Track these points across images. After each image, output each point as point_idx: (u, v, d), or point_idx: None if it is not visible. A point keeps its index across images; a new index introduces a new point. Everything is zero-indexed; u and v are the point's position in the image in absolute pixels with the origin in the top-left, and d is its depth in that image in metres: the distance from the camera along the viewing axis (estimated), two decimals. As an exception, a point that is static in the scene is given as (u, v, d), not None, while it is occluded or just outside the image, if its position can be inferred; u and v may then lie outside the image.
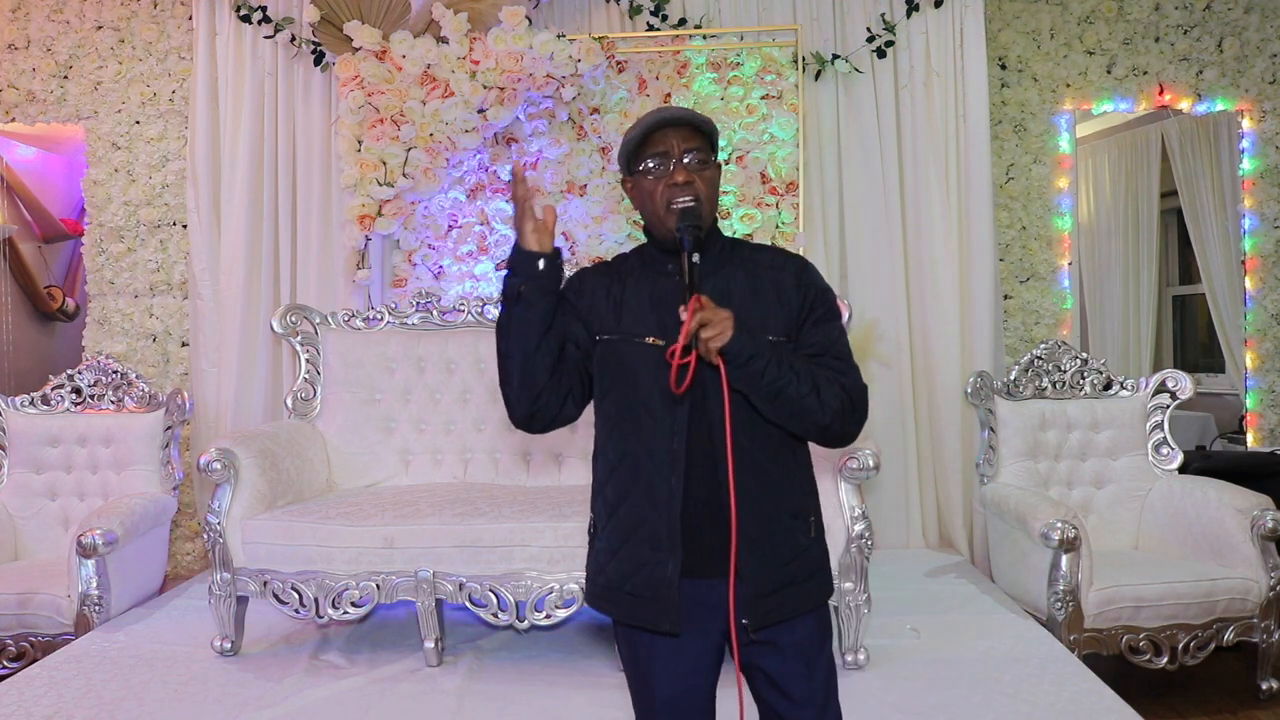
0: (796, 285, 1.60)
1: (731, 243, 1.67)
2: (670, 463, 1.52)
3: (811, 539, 1.61)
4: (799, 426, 1.53)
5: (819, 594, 1.62)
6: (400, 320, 3.70)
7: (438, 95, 3.89)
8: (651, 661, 1.59)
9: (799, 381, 1.48)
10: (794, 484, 1.60)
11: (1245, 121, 4.40)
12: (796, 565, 1.57)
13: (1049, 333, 4.27)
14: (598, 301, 1.62)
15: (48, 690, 2.67)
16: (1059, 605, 2.91)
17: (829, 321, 1.60)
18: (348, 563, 2.85)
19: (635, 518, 1.55)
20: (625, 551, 1.57)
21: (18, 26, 4.36)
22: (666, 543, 1.52)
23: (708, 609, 1.54)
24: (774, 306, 1.57)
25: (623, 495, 1.57)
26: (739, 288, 1.58)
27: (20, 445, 3.69)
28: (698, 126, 1.57)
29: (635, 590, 1.55)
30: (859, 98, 4.12)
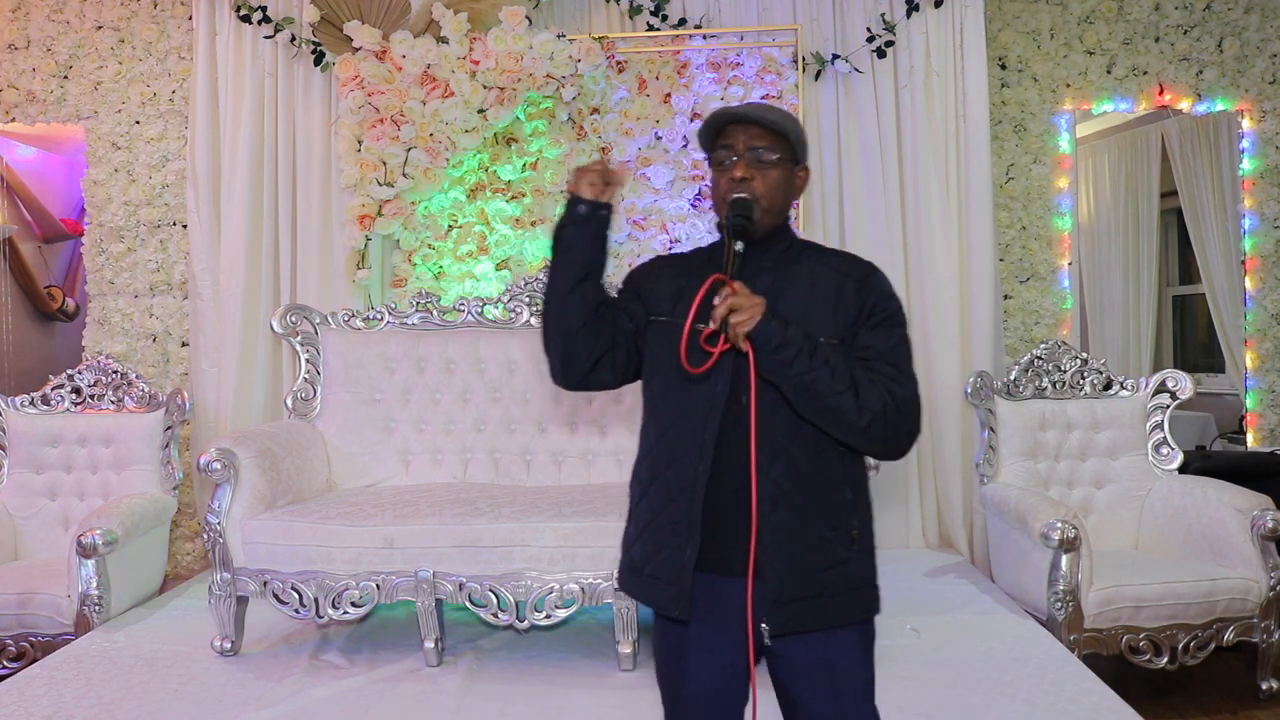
0: (857, 290, 1.56)
1: (803, 244, 1.67)
2: (699, 449, 1.52)
3: (852, 553, 1.55)
4: (835, 428, 1.49)
5: (853, 612, 1.56)
6: (400, 320, 3.70)
7: (438, 95, 3.89)
8: (683, 658, 1.59)
9: (833, 378, 1.45)
10: (836, 491, 1.54)
11: (1245, 121, 4.40)
12: (830, 576, 1.52)
13: (1049, 333, 4.27)
14: (661, 285, 1.64)
15: (48, 690, 2.66)
16: (1059, 605, 2.91)
17: (886, 327, 1.56)
18: (348, 563, 2.85)
19: (662, 500, 1.56)
20: (649, 533, 1.58)
21: (18, 26, 4.36)
22: (686, 528, 1.52)
23: (737, 609, 1.51)
24: (828, 308, 1.55)
25: (654, 476, 1.58)
26: (797, 287, 1.57)
27: (20, 445, 3.69)
28: (766, 125, 1.57)
29: (654, 572, 1.56)
30: (859, 98, 4.12)
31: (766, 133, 1.57)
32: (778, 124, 1.57)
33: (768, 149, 1.57)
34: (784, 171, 1.59)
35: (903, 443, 1.53)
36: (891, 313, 1.57)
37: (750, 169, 1.57)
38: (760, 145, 1.57)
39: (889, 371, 1.52)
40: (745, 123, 1.58)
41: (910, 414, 1.52)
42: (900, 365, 1.54)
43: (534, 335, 3.63)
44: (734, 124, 1.59)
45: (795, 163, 1.62)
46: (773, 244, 1.61)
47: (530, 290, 3.72)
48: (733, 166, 1.57)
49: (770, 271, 1.58)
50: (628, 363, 1.66)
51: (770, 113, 1.58)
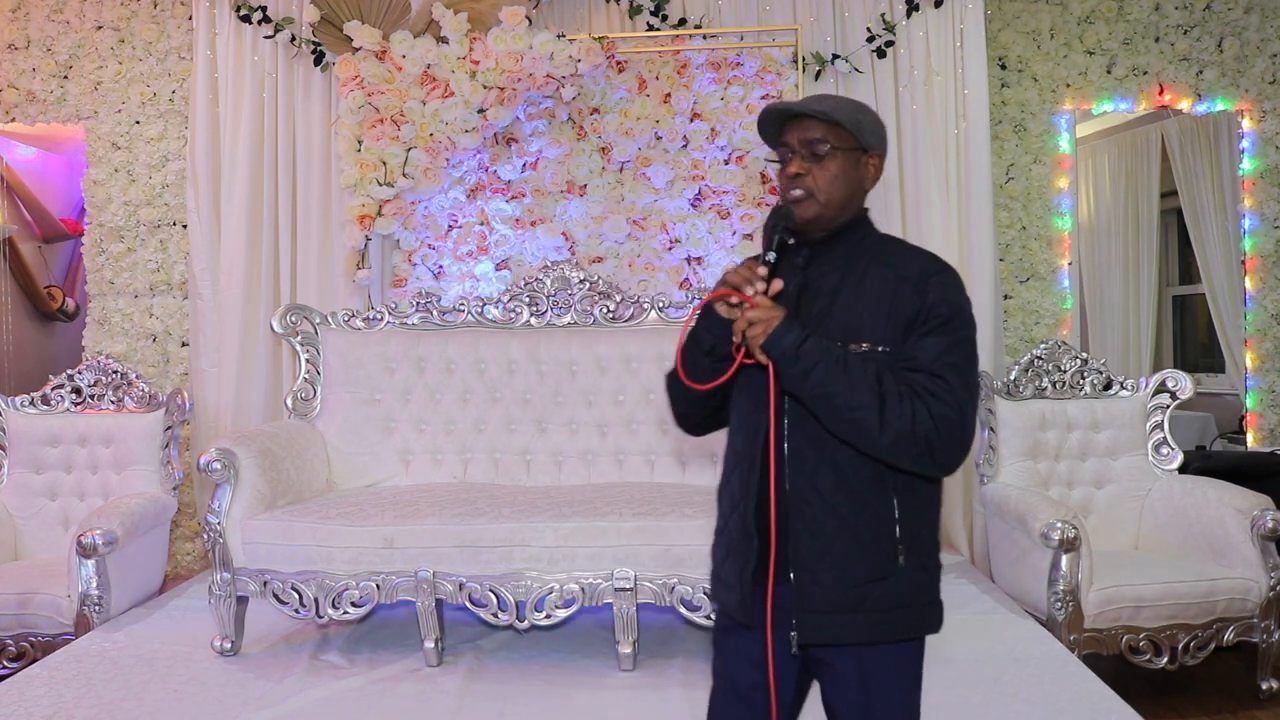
0: (914, 294, 1.46)
1: (878, 240, 1.58)
2: (751, 460, 1.52)
3: (900, 567, 1.48)
4: (857, 442, 1.43)
5: (893, 629, 1.49)
6: (400, 320, 3.70)
7: (438, 95, 3.89)
8: (725, 644, 1.62)
9: (851, 392, 1.39)
10: (883, 498, 1.47)
11: (1245, 121, 4.40)
12: (871, 589, 1.47)
13: (1049, 333, 4.27)
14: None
15: (48, 690, 2.66)
16: (1059, 605, 2.91)
17: (937, 334, 1.44)
18: (348, 563, 2.85)
19: (728, 509, 1.59)
20: (721, 540, 1.61)
21: (18, 26, 4.36)
22: (743, 537, 1.52)
23: (779, 611, 1.50)
24: (877, 312, 1.47)
25: (724, 486, 1.61)
26: (846, 287, 1.51)
27: (20, 445, 3.69)
28: (817, 116, 1.51)
29: (725, 578, 1.58)
30: (859, 98, 4.07)
31: (820, 124, 1.51)
32: (830, 113, 1.50)
33: (822, 140, 1.51)
34: (844, 162, 1.52)
35: (944, 461, 1.43)
36: (947, 318, 1.45)
37: (806, 163, 1.52)
38: (814, 137, 1.51)
39: (931, 385, 1.42)
40: (798, 117, 1.53)
41: (949, 432, 1.41)
42: (947, 378, 1.42)
43: (534, 335, 3.63)
44: (790, 120, 1.54)
45: (863, 150, 1.54)
46: (844, 238, 1.55)
47: (530, 290, 3.72)
48: (789, 164, 1.54)
49: (836, 270, 1.53)
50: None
51: (822, 103, 1.52)
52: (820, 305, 1.51)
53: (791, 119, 1.54)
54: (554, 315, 3.69)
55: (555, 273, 3.72)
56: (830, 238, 1.55)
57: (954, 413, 1.41)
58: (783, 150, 1.55)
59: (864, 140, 1.53)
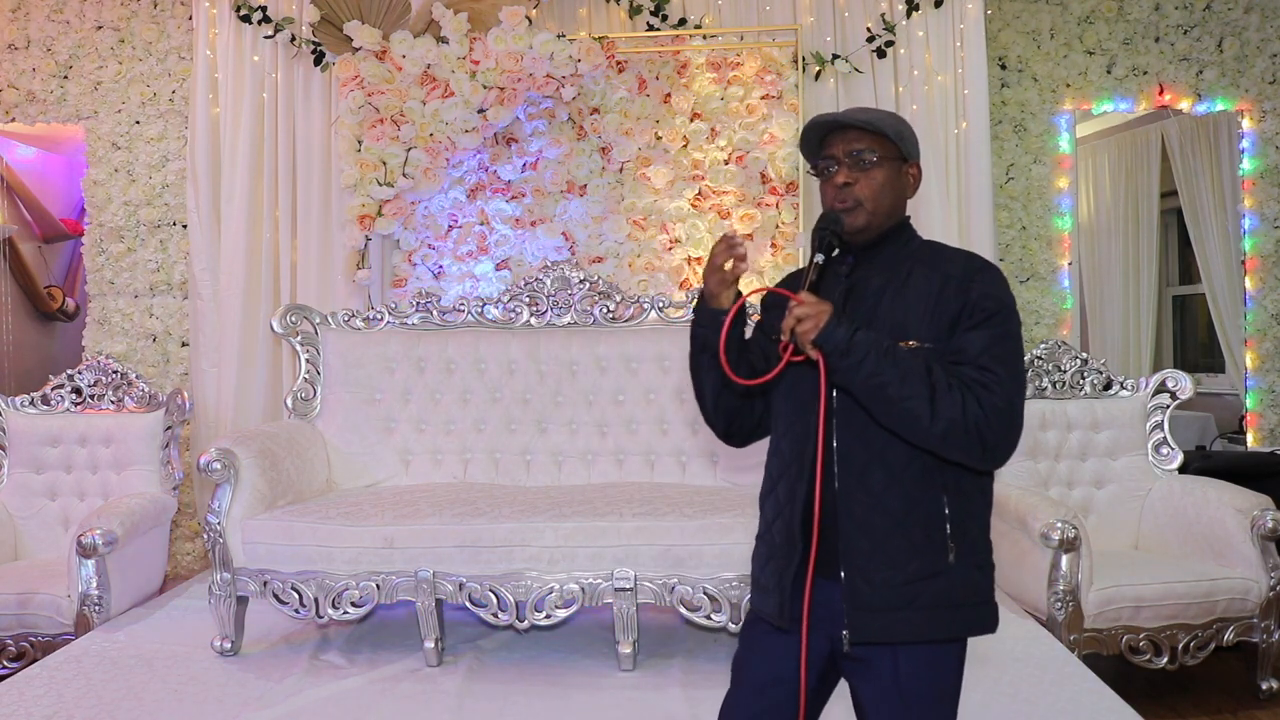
0: (959, 291, 1.49)
1: (921, 245, 1.61)
2: (800, 463, 1.53)
3: (951, 564, 1.47)
4: (909, 434, 1.44)
5: (945, 627, 1.48)
6: (400, 320, 3.70)
7: (438, 95, 3.89)
8: (753, 647, 1.62)
9: (903, 382, 1.40)
10: (933, 495, 1.48)
11: (1245, 121, 4.40)
12: (921, 586, 1.46)
13: (1049, 333, 4.27)
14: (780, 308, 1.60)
15: (48, 690, 2.66)
16: (1059, 605, 2.91)
17: (985, 328, 1.47)
18: (348, 563, 2.85)
19: (772, 513, 1.59)
20: (762, 544, 1.62)
21: (18, 26, 4.36)
22: (787, 540, 1.53)
23: (826, 612, 1.50)
24: (922, 309, 1.49)
25: (769, 491, 1.62)
26: (892, 287, 1.53)
27: (20, 445, 3.69)
28: (862, 127, 1.56)
29: (764, 583, 1.59)
30: (859, 98, 4.12)
31: (865, 134, 1.56)
32: (875, 124, 1.55)
33: (868, 150, 1.55)
34: (889, 171, 1.57)
35: (996, 452, 1.45)
36: (991, 313, 1.48)
37: (853, 173, 1.55)
38: (860, 147, 1.55)
39: (980, 377, 1.43)
40: (843, 128, 1.57)
41: (999, 422, 1.43)
42: (994, 370, 1.44)
43: (534, 335, 3.63)
44: (833, 132, 1.59)
45: (903, 160, 1.59)
46: (887, 245, 1.59)
47: (530, 290, 3.72)
48: (836, 174, 1.57)
49: (879, 275, 1.57)
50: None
51: (865, 114, 1.57)
52: (866, 306, 1.53)
53: (836, 130, 1.58)
54: (554, 315, 3.69)
55: (555, 273, 3.72)
56: (875, 243, 1.59)
57: (1003, 402, 1.43)
58: (826, 162, 1.59)
59: (905, 150, 1.58)
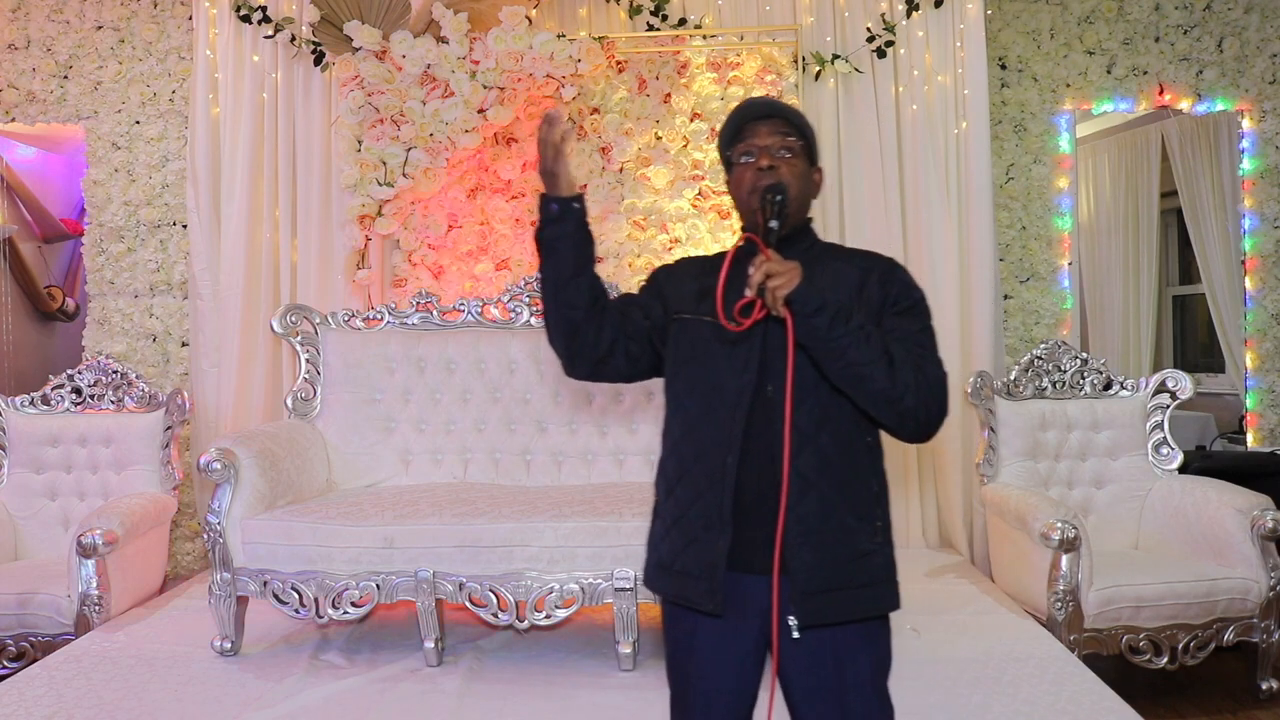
0: (881, 283, 1.58)
1: (825, 245, 1.68)
2: (727, 441, 1.51)
3: (876, 544, 1.54)
4: (869, 399, 1.48)
5: (874, 605, 1.53)
6: (400, 320, 3.70)
7: (438, 95, 3.89)
8: (693, 650, 1.58)
9: (868, 345, 1.45)
10: (862, 481, 1.54)
11: (1245, 121, 4.40)
12: (854, 568, 1.51)
13: (1049, 333, 4.27)
14: (685, 284, 1.64)
15: (48, 690, 2.67)
16: (1059, 605, 2.91)
17: (911, 315, 1.56)
18: (348, 563, 2.85)
19: (691, 495, 1.55)
20: (678, 529, 1.57)
21: (18, 26, 4.36)
22: (717, 521, 1.51)
23: (757, 606, 1.51)
24: (857, 299, 1.56)
25: (682, 472, 1.58)
26: (823, 279, 1.55)
27: (20, 445, 3.69)
28: (790, 118, 1.59)
29: (684, 568, 1.55)
30: (859, 98, 4.12)
31: (791, 126, 1.59)
32: (799, 120, 1.60)
33: (791, 141, 1.59)
34: (804, 167, 1.61)
35: (933, 422, 1.52)
36: (916, 301, 1.58)
37: (776, 160, 1.58)
38: (784, 134, 1.59)
39: (918, 351, 1.52)
40: (770, 117, 1.59)
41: (939, 393, 1.52)
42: (927, 347, 1.54)
43: (534, 335, 3.63)
44: (757, 120, 1.60)
45: (812, 162, 1.64)
46: (797, 243, 1.61)
47: (530, 290, 3.72)
48: (758, 157, 1.58)
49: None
50: (641, 355, 1.66)
51: (791, 108, 1.61)
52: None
53: (759, 120, 1.60)
54: (554, 315, 3.68)
55: (555, 273, 3.71)
56: (788, 239, 1.58)
57: (942, 376, 1.53)
58: (746, 146, 1.60)
59: (814, 154, 1.64)
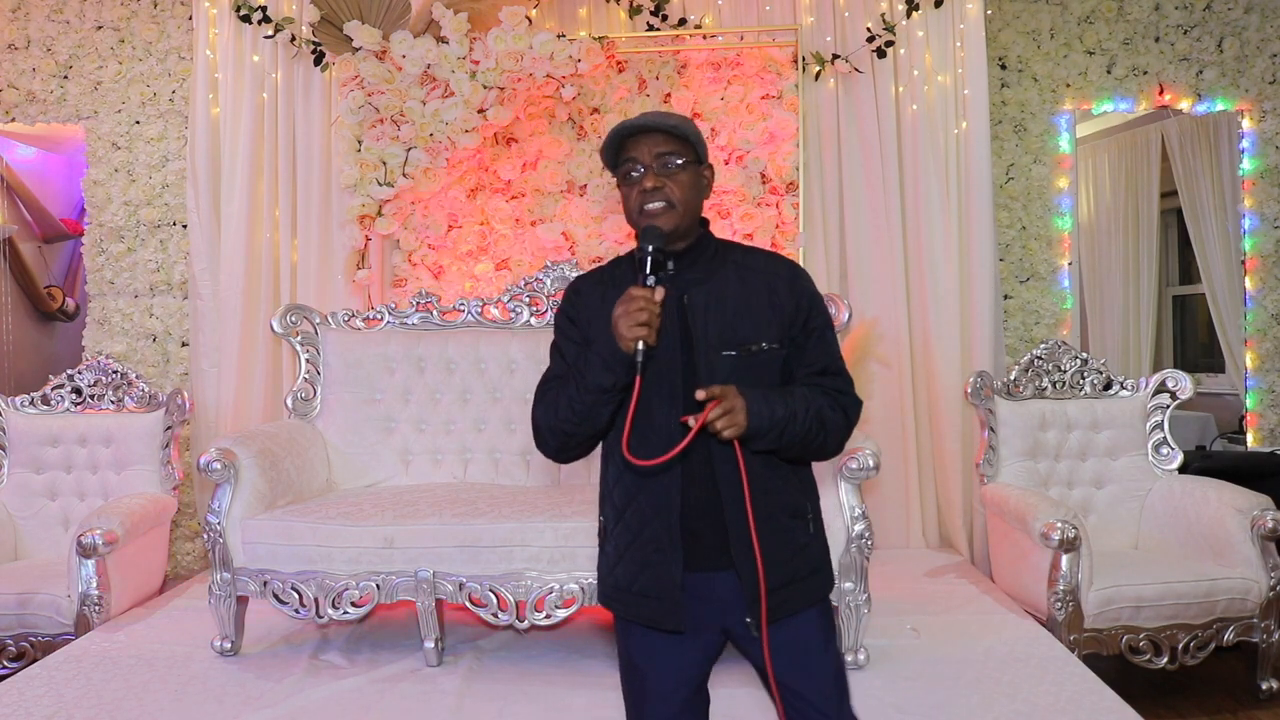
0: (790, 291, 1.62)
1: (724, 246, 1.68)
2: (669, 471, 1.55)
3: (810, 535, 1.64)
4: (807, 460, 1.63)
5: (820, 590, 1.65)
6: (400, 320, 3.70)
7: (438, 95, 3.89)
8: (651, 655, 1.64)
9: (809, 433, 1.54)
10: (789, 484, 1.62)
11: (1245, 121, 4.40)
12: (797, 562, 1.60)
13: (1049, 333, 4.27)
14: (594, 313, 1.62)
15: (48, 690, 2.67)
16: (1059, 605, 2.91)
17: (826, 333, 1.64)
18: (348, 563, 2.85)
19: (640, 521, 1.60)
20: (631, 553, 1.61)
21: (18, 26, 4.36)
22: (669, 545, 1.57)
23: (705, 603, 1.59)
24: (766, 313, 1.59)
25: (629, 500, 1.62)
26: (731, 295, 1.60)
27: (20, 445, 3.69)
28: (668, 131, 1.57)
29: (643, 590, 1.60)
30: (859, 98, 4.12)
31: (670, 138, 1.57)
32: (678, 128, 1.57)
33: (674, 154, 1.57)
34: (692, 174, 1.60)
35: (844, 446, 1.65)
36: (825, 314, 1.66)
37: (659, 177, 1.57)
38: (665, 151, 1.57)
39: (837, 384, 1.62)
40: (646, 132, 1.58)
41: (856, 417, 1.63)
42: (842, 372, 1.64)
43: (534, 335, 3.63)
44: (634, 136, 1.58)
45: (699, 163, 1.62)
46: (699, 251, 1.63)
47: (530, 290, 3.72)
48: (641, 178, 1.57)
49: (703, 282, 1.60)
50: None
51: (669, 118, 1.59)
52: (712, 314, 1.57)
53: (638, 134, 1.58)
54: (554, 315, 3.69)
55: (555, 273, 3.72)
56: (689, 250, 1.62)
57: (858, 402, 1.64)
58: (629, 165, 1.59)
59: (701, 152, 1.62)
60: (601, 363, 1.50)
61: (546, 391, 1.63)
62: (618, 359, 1.47)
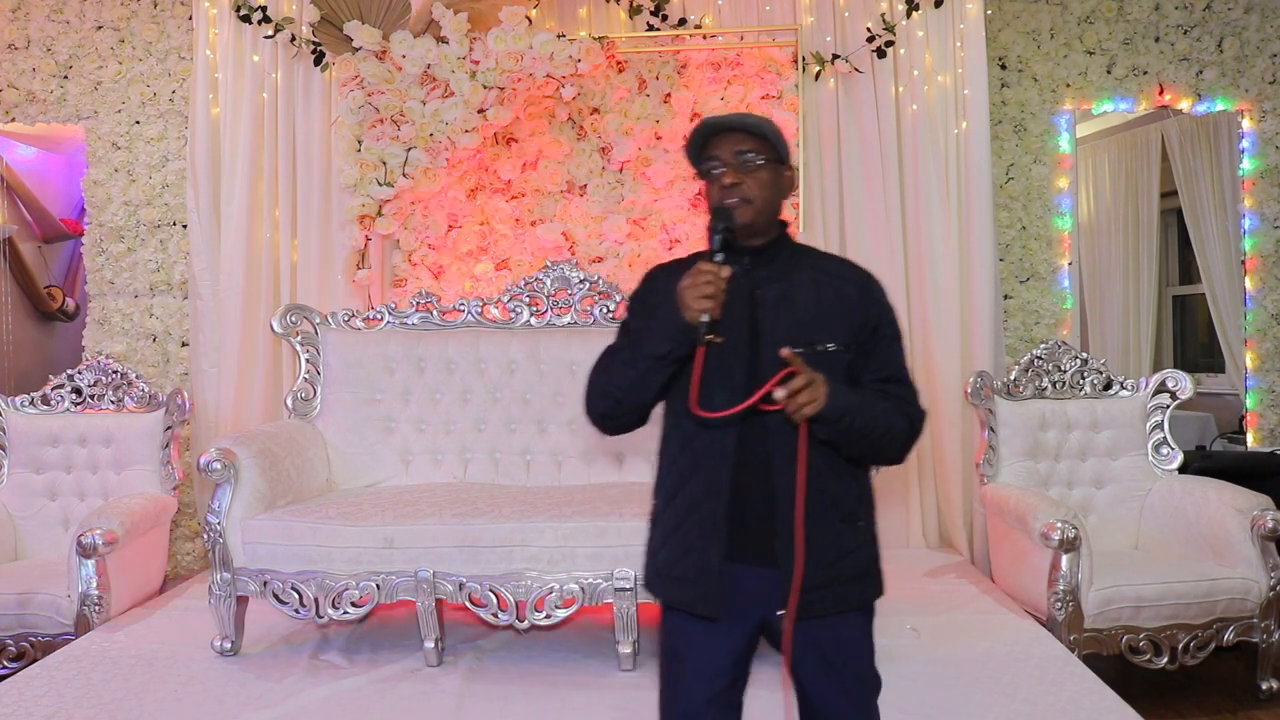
0: (861, 299, 1.67)
1: (801, 249, 1.74)
2: (722, 456, 1.60)
3: (860, 542, 1.66)
4: (871, 463, 1.68)
5: (861, 596, 1.66)
6: (400, 320, 3.70)
7: (438, 95, 3.89)
8: (688, 642, 1.66)
9: (875, 429, 1.58)
10: (845, 486, 1.65)
11: (1245, 121, 4.40)
12: (841, 566, 1.62)
13: (1049, 333, 4.27)
14: (664, 298, 1.66)
15: (48, 690, 2.67)
16: (1059, 605, 2.91)
17: (895, 343, 1.69)
18: (348, 563, 2.85)
19: (688, 506, 1.63)
20: (675, 538, 1.65)
21: (18, 26, 4.36)
22: (712, 531, 1.60)
23: (745, 595, 1.62)
24: (836, 316, 1.64)
25: (680, 484, 1.66)
26: (803, 294, 1.64)
27: (20, 445, 3.69)
28: (749, 130, 1.63)
29: (682, 574, 1.64)
30: (859, 98, 4.12)
31: (750, 138, 1.64)
32: (759, 128, 1.64)
33: (753, 152, 1.63)
34: (771, 172, 1.65)
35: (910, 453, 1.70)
36: (895, 324, 1.70)
37: (739, 174, 1.63)
38: (745, 149, 1.63)
39: (902, 393, 1.66)
40: (729, 131, 1.64)
41: (922, 427, 1.67)
42: (908, 380, 1.69)
43: (534, 335, 3.63)
44: (718, 134, 1.65)
45: (780, 163, 1.67)
46: (775, 250, 1.68)
47: (530, 290, 3.72)
48: (721, 174, 1.64)
49: (777, 280, 1.65)
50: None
51: (750, 118, 1.65)
52: (782, 311, 1.62)
53: (719, 133, 1.65)
54: (554, 315, 3.69)
55: (555, 273, 3.72)
56: (765, 248, 1.67)
57: (923, 411, 1.69)
58: (710, 163, 1.66)
59: (782, 153, 1.67)
60: (662, 331, 1.58)
61: (604, 360, 1.72)
62: (679, 328, 1.54)
